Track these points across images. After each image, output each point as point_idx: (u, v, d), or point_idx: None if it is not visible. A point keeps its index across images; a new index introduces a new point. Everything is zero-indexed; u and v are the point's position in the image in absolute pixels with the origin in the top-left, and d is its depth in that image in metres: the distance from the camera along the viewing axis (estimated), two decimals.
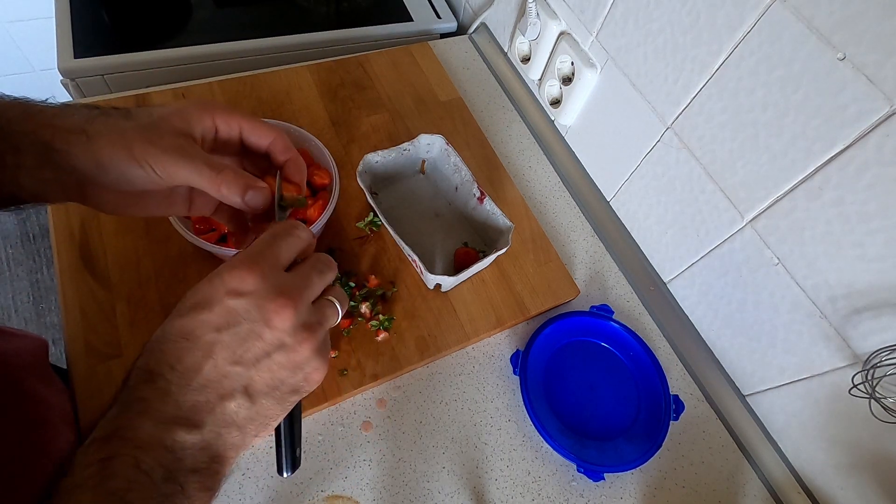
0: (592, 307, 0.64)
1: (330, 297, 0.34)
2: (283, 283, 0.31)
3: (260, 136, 0.39)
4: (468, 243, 0.64)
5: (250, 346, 0.30)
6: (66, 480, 0.26)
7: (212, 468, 0.29)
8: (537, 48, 0.72)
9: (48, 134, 0.32)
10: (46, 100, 0.35)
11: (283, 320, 0.30)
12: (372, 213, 0.63)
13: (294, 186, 0.40)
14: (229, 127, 0.38)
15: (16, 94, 0.35)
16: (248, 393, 0.30)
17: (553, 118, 0.76)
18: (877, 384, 0.42)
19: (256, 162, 0.42)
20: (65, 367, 0.53)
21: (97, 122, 0.34)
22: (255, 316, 0.30)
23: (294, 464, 0.36)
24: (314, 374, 0.32)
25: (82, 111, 0.35)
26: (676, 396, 0.59)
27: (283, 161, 0.40)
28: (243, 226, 0.44)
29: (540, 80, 0.75)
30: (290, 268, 0.33)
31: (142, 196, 0.38)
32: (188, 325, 0.29)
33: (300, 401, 0.34)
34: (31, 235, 1.51)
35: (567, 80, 0.70)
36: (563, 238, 0.71)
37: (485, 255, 0.58)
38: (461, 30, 0.94)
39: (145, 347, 0.30)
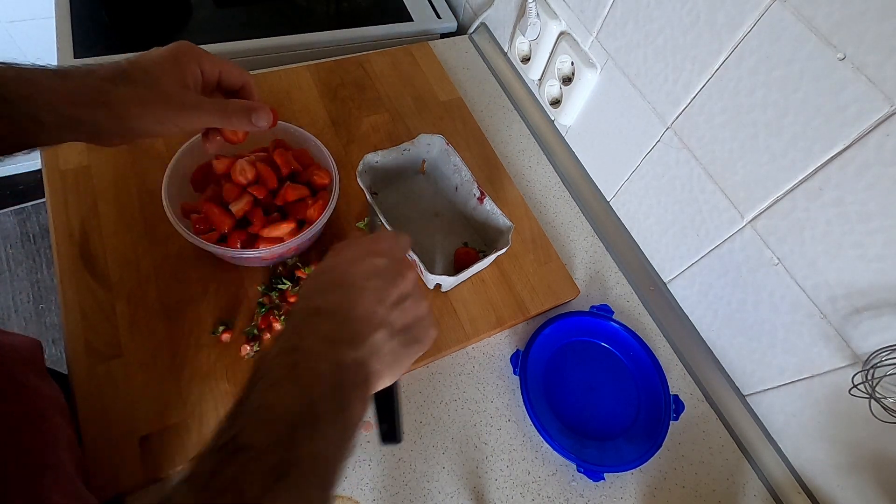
0: (592, 307, 0.64)
1: None
2: (403, 255, 0.41)
3: (235, 78, 0.47)
4: (468, 243, 0.64)
5: (390, 292, 0.37)
6: (262, 382, 0.31)
7: (365, 385, 0.35)
8: (537, 48, 0.72)
9: (70, 109, 0.38)
10: (34, 64, 0.39)
11: (411, 274, 0.39)
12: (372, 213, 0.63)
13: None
14: (212, 71, 0.45)
15: None
16: (389, 329, 0.37)
17: (553, 118, 0.76)
18: (877, 384, 0.42)
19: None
20: (64, 369, 0.53)
21: (111, 94, 0.39)
22: (393, 269, 0.38)
23: (401, 433, 0.42)
24: (430, 330, 0.39)
25: (88, 82, 0.39)
26: (676, 396, 0.59)
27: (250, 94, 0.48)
28: None
29: (540, 80, 0.75)
30: None
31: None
32: (342, 276, 0.38)
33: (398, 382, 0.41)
34: (31, 235, 1.51)
35: (567, 80, 0.70)
36: (563, 238, 0.71)
37: (485, 255, 0.58)
38: (461, 30, 0.94)
39: (303, 294, 0.38)
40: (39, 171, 0.61)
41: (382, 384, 0.37)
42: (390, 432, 0.41)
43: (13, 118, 0.37)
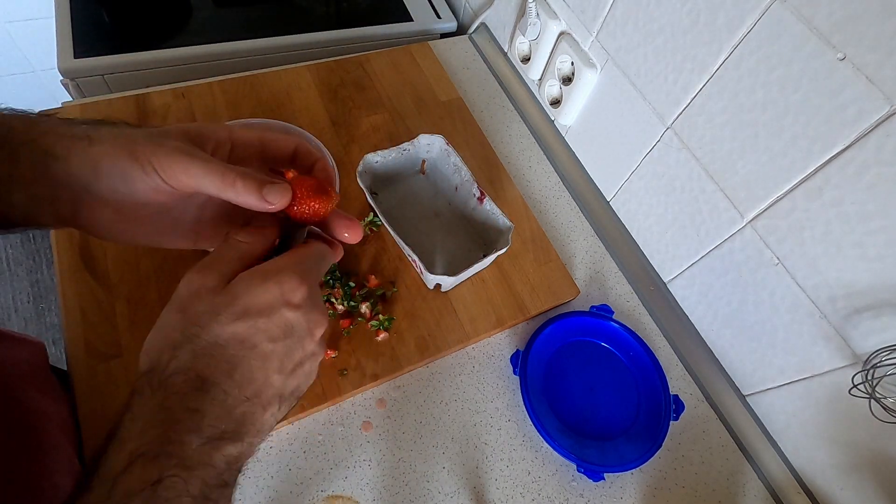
0: (592, 307, 0.64)
1: None
2: (319, 298, 0.33)
3: (282, 145, 0.37)
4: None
5: (293, 356, 0.31)
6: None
7: (236, 481, 0.29)
8: (537, 48, 0.72)
9: (50, 140, 0.31)
10: (56, 113, 0.34)
11: (320, 332, 0.32)
12: (372, 213, 0.63)
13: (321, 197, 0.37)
14: (247, 138, 0.36)
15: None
16: (281, 401, 0.31)
17: (553, 118, 0.76)
18: (877, 384, 0.42)
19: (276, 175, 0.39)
20: (65, 367, 0.53)
21: (102, 129, 0.32)
22: (304, 329, 0.31)
23: None
24: (312, 379, 0.34)
25: (90, 122, 0.33)
26: (676, 396, 0.59)
27: (312, 163, 0.37)
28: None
29: (540, 80, 0.75)
30: None
31: (142, 217, 0.35)
32: (246, 333, 0.29)
33: None
34: (31, 235, 1.51)
35: (567, 80, 0.70)
36: (563, 238, 0.71)
37: (485, 256, 0.58)
38: (461, 30, 0.94)
39: (187, 349, 0.28)
40: None
41: None
42: None
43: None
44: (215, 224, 0.38)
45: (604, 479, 0.54)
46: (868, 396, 0.42)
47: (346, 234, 0.37)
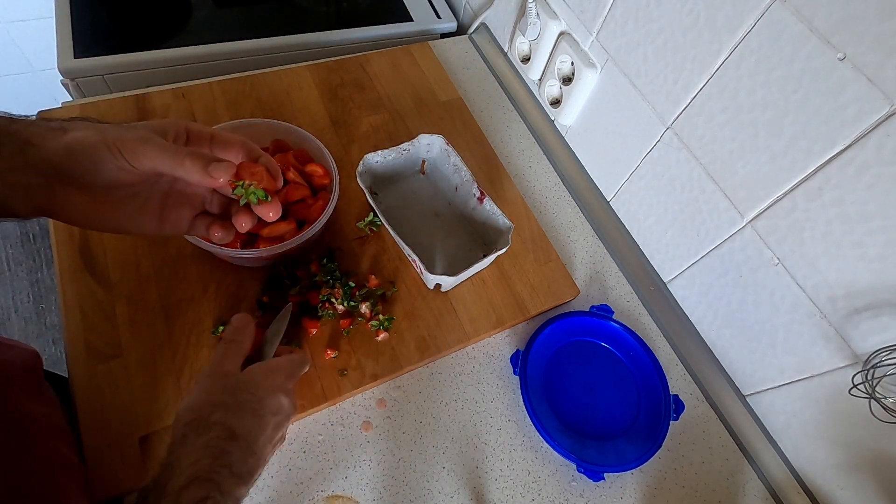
0: (592, 307, 0.64)
1: None
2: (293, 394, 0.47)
3: (228, 139, 0.44)
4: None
5: (281, 431, 0.44)
6: None
7: None
8: (537, 48, 0.72)
9: (28, 131, 0.35)
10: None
11: (292, 416, 0.46)
12: (372, 213, 0.63)
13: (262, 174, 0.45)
14: (200, 130, 0.43)
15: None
16: (264, 463, 0.42)
17: (553, 118, 0.76)
18: (877, 384, 0.42)
19: None
20: (64, 372, 0.53)
21: (76, 122, 0.37)
22: (291, 409, 0.45)
23: None
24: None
25: (66, 119, 0.38)
26: (676, 396, 0.59)
27: (256, 157, 0.46)
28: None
29: (540, 80, 0.75)
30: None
31: (112, 201, 0.39)
32: (258, 405, 0.41)
33: None
34: (31, 235, 1.51)
35: (567, 80, 0.70)
36: (563, 238, 0.71)
37: (485, 256, 0.58)
38: (461, 30, 0.94)
39: (223, 409, 0.40)
40: None
41: None
42: None
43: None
44: (178, 211, 0.44)
45: (604, 479, 0.54)
46: (868, 396, 0.42)
47: (270, 214, 0.45)
